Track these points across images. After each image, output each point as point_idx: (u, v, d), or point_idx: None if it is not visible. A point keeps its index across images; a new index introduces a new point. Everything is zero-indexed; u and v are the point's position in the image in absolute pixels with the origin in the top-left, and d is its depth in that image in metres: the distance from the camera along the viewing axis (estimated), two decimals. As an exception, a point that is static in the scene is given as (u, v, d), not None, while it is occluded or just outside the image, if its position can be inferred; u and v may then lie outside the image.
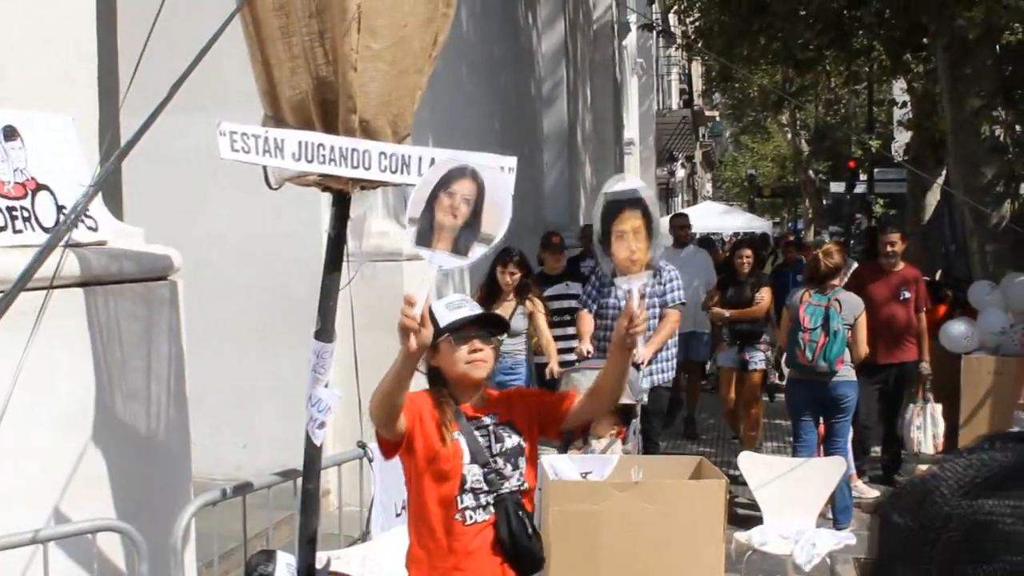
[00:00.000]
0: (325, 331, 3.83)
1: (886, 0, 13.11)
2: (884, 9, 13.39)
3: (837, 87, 30.95)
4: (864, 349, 7.93)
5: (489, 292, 8.50)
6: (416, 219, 3.35)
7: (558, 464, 5.35)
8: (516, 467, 3.61)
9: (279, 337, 7.57)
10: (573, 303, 8.97)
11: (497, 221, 3.40)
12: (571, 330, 8.73)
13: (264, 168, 3.82)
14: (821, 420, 8.08)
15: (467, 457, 3.53)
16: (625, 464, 5.46)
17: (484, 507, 3.54)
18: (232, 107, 4.19)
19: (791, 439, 8.48)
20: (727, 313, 9.92)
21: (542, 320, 8.54)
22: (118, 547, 3.97)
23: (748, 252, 10.18)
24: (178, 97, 3.79)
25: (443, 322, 3.56)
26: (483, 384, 3.70)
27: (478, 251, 3.39)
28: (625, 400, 6.19)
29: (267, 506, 4.66)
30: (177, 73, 3.62)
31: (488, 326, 3.67)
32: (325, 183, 3.87)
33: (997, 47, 12.41)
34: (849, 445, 8.35)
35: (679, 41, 22.69)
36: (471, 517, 3.53)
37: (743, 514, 7.87)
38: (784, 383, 9.08)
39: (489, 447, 3.58)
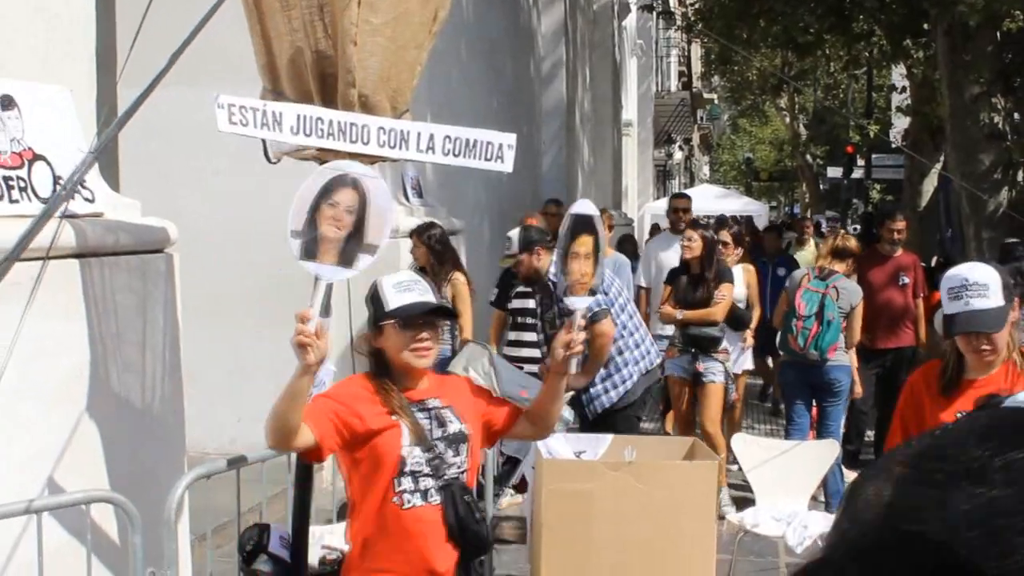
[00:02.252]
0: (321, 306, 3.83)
1: (887, -15, 13.10)
2: (885, -6, 13.39)
3: (836, 72, 30.90)
4: (857, 337, 7.93)
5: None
6: (299, 232, 3.31)
7: (551, 443, 5.35)
8: (458, 453, 3.52)
9: (275, 312, 7.55)
10: (522, 303, 8.03)
11: (381, 229, 3.39)
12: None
13: (263, 142, 3.81)
14: (814, 403, 8.10)
15: (406, 439, 3.43)
16: (619, 444, 5.48)
17: (424, 492, 3.45)
18: (231, 80, 4.18)
19: (784, 422, 8.49)
20: (679, 315, 8.03)
21: (464, 305, 7.89)
22: (112, 518, 3.98)
23: (692, 235, 8.14)
24: (177, 71, 3.78)
25: (390, 304, 3.46)
26: (426, 371, 3.60)
27: (364, 261, 3.39)
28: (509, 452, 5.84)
29: (261, 480, 4.66)
30: (175, 46, 3.61)
31: (435, 314, 3.56)
32: (323, 157, 3.86)
33: (998, 34, 12.40)
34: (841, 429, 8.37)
35: (679, 23, 22.63)
36: (409, 501, 3.44)
37: (735, 496, 7.89)
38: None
39: (431, 431, 3.49)
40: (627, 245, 13.09)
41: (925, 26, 14.20)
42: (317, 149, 3.76)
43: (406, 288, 3.49)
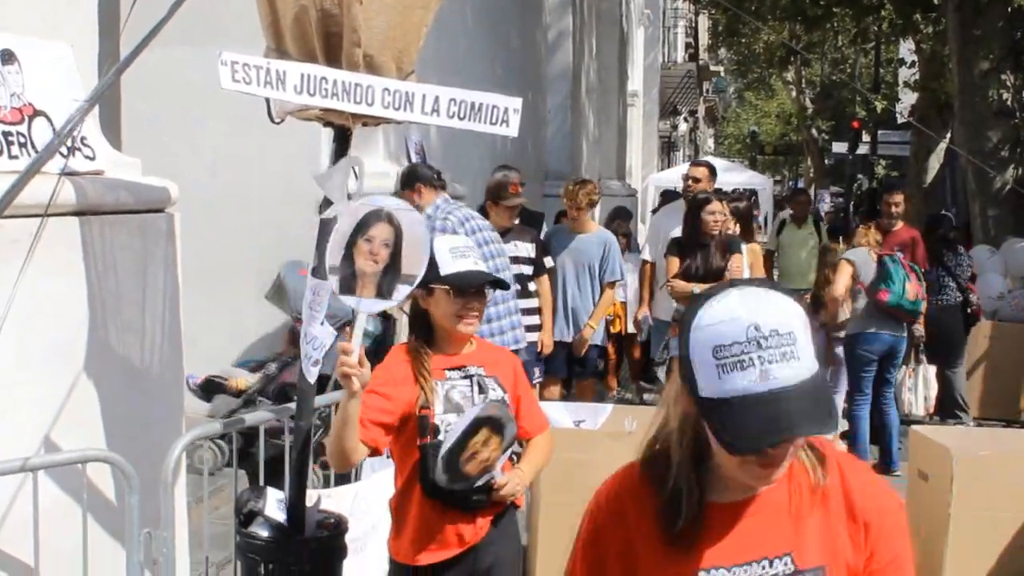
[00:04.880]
0: (322, 268, 3.78)
1: (898, -42, 13.02)
2: (896, -33, 13.30)
3: (844, 46, 30.76)
4: None
5: None
6: (337, 268, 3.32)
7: (551, 411, 5.33)
8: None
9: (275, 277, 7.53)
10: (523, 269, 7.55)
11: (417, 259, 3.37)
12: (524, 303, 7.40)
13: (267, 102, 3.77)
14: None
15: (440, 407, 3.45)
16: (619, 414, 5.45)
17: None
18: (235, 40, 4.11)
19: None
20: (696, 289, 7.25)
21: None
22: (108, 478, 3.96)
23: (719, 207, 7.70)
24: (181, 30, 3.73)
25: (444, 268, 3.48)
26: (468, 337, 3.60)
27: (403, 292, 3.38)
28: None
29: (259, 443, 4.64)
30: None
31: (486, 279, 3.59)
32: (327, 118, 3.82)
33: (1009, 9, 12.31)
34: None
35: (687, -7, 22.48)
36: None
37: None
38: None
39: (472, 398, 3.51)
40: (622, 218, 11.84)
41: (935, 1, 14.11)
42: (321, 109, 3.71)
43: (461, 254, 3.53)
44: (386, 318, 6.86)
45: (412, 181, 6.65)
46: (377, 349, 5.86)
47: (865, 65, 31.89)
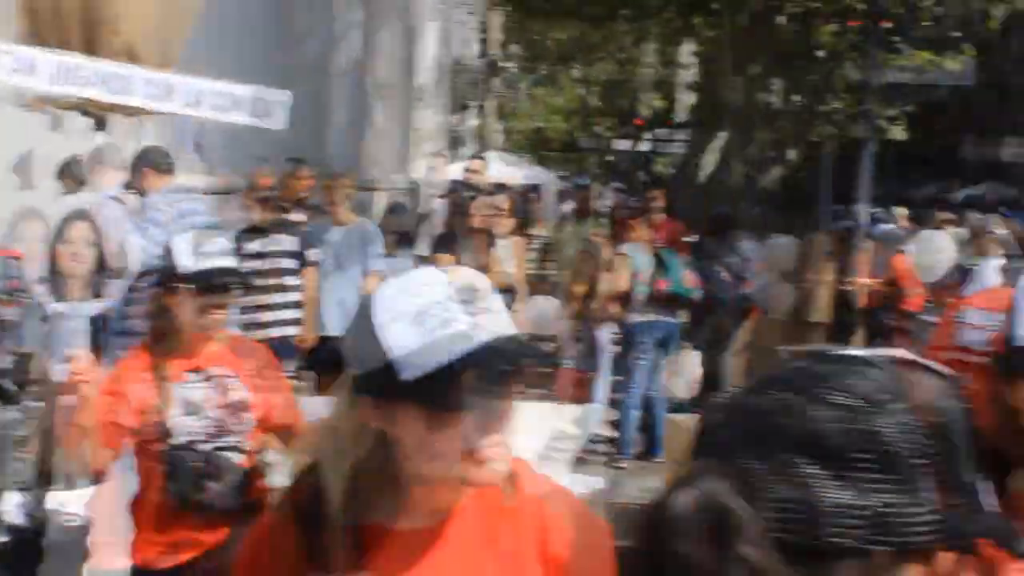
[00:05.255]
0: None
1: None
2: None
3: (629, 46, 31.54)
4: None
5: None
6: (46, 278, 3.24)
7: (317, 407, 5.30)
8: (240, 420, 3.47)
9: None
10: (281, 263, 7.50)
11: (123, 252, 3.31)
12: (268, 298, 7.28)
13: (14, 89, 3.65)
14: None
15: (178, 410, 3.37)
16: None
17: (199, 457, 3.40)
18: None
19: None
20: None
21: None
22: None
23: (483, 202, 7.95)
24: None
25: (186, 266, 3.36)
26: (212, 336, 3.50)
27: (116, 287, 3.31)
28: None
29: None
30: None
31: (231, 277, 3.51)
32: (86, 107, 3.72)
33: (779, 18, 12.89)
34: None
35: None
36: None
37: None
38: None
39: (212, 399, 3.43)
40: (398, 214, 11.18)
41: (714, 6, 14.64)
42: (79, 98, 3.61)
43: (203, 250, 3.41)
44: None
45: (139, 166, 6.46)
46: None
47: (648, 64, 32.77)
